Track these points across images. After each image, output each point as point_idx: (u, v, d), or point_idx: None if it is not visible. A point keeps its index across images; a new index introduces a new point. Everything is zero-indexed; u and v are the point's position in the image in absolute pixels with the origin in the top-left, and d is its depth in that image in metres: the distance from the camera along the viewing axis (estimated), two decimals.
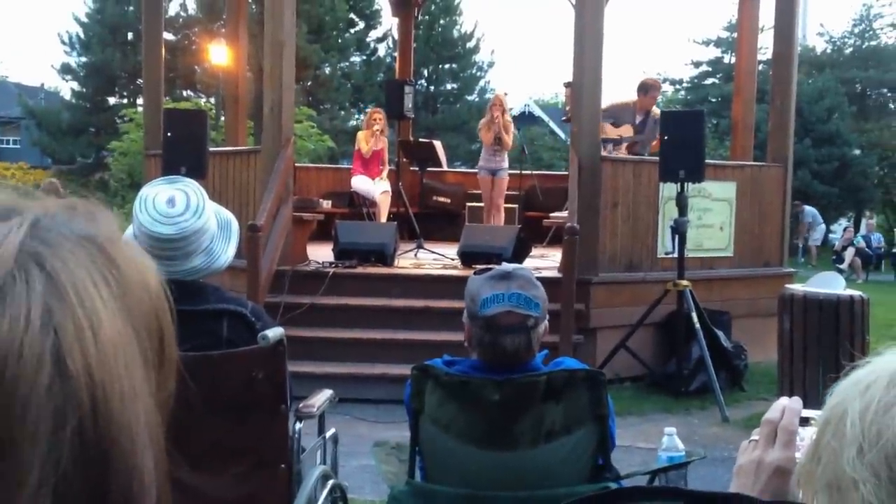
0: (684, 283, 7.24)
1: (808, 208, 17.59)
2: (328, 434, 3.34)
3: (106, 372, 0.58)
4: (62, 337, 0.57)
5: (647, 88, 9.27)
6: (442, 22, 32.48)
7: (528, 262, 8.32)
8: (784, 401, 1.19)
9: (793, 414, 1.17)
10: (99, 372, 0.57)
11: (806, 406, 1.17)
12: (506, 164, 10.09)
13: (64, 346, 0.57)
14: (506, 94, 10.61)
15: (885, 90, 30.16)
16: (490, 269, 2.50)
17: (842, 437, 0.81)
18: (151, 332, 0.64)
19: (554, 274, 7.53)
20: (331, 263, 8.14)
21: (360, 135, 10.47)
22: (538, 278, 2.52)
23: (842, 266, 18.83)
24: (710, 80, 31.78)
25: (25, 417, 0.55)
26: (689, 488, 0.82)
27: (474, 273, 2.54)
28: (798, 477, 0.92)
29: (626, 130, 9.16)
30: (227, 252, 2.73)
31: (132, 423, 0.59)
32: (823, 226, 20.90)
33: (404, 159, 10.93)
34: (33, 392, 0.55)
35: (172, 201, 2.58)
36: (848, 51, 29.96)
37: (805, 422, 1.18)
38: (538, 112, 39.14)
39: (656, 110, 9.38)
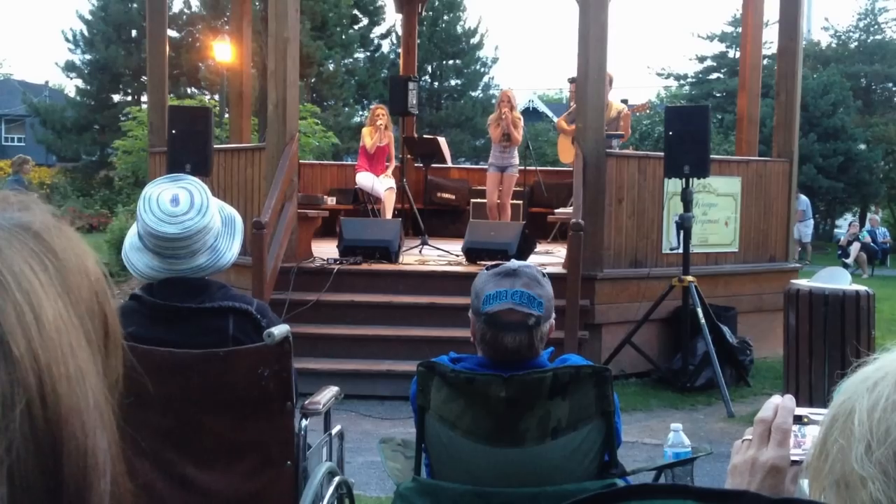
0: (689, 278, 7.23)
1: (802, 197, 17.45)
2: (334, 431, 3.35)
3: (50, 354, 0.59)
4: (3, 322, 0.58)
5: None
6: (446, 18, 32.44)
7: (533, 258, 8.32)
8: (777, 399, 1.19)
9: (786, 412, 1.17)
10: (43, 354, 0.58)
11: (813, 401, 1.18)
12: (515, 160, 10.08)
13: (6, 330, 0.57)
14: (510, 89, 10.60)
15: (891, 84, 30.11)
16: (499, 265, 2.50)
17: (850, 435, 0.81)
18: (94, 315, 0.65)
19: (559, 270, 7.53)
20: (335, 260, 8.15)
21: (365, 131, 10.49)
22: (544, 273, 2.51)
23: (847, 261, 18.79)
24: (714, 75, 31.73)
25: None
26: (697, 486, 0.82)
27: (484, 269, 2.54)
28: (806, 473, 0.92)
29: None
30: (231, 249, 2.73)
31: (81, 404, 0.60)
32: (812, 221, 20.70)
33: (408, 156, 10.93)
34: None
35: (176, 200, 2.58)
36: (853, 45, 29.90)
37: (798, 420, 1.18)
38: (542, 107, 39.14)
39: (620, 105, 9.45)
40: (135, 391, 0.74)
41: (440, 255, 9.02)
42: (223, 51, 18.09)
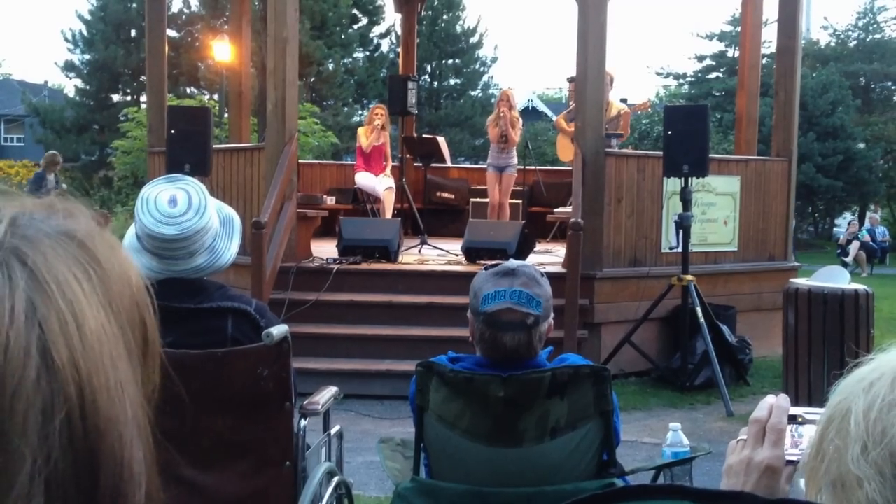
0: (689, 277, 7.24)
1: None
2: (333, 431, 3.35)
3: (92, 364, 0.59)
4: (47, 330, 0.57)
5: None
6: (445, 17, 32.45)
7: (532, 258, 8.32)
8: (771, 399, 1.19)
9: (781, 412, 1.17)
10: (85, 364, 0.58)
11: (812, 399, 1.18)
12: (514, 160, 10.08)
13: (49, 340, 0.57)
14: (510, 88, 10.61)
15: (890, 83, 30.11)
16: (497, 265, 2.50)
17: (846, 435, 0.81)
18: (134, 326, 0.65)
19: (558, 269, 7.53)
20: (335, 260, 8.15)
21: (360, 130, 10.49)
22: (543, 272, 2.52)
23: (846, 260, 18.80)
24: (713, 74, 31.74)
25: (14, 411, 0.56)
26: (695, 487, 0.82)
27: (483, 269, 2.54)
28: (802, 472, 0.92)
29: None
30: (230, 249, 2.73)
31: (119, 415, 0.60)
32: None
33: (408, 155, 10.93)
34: (21, 386, 0.56)
35: (174, 201, 2.58)
36: (852, 44, 29.90)
37: (793, 419, 1.18)
38: (542, 107, 39.16)
39: (620, 105, 9.47)
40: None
41: (439, 254, 9.02)
42: (222, 50, 18.10)
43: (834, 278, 6.40)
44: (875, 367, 0.84)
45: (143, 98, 23.30)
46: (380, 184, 10.21)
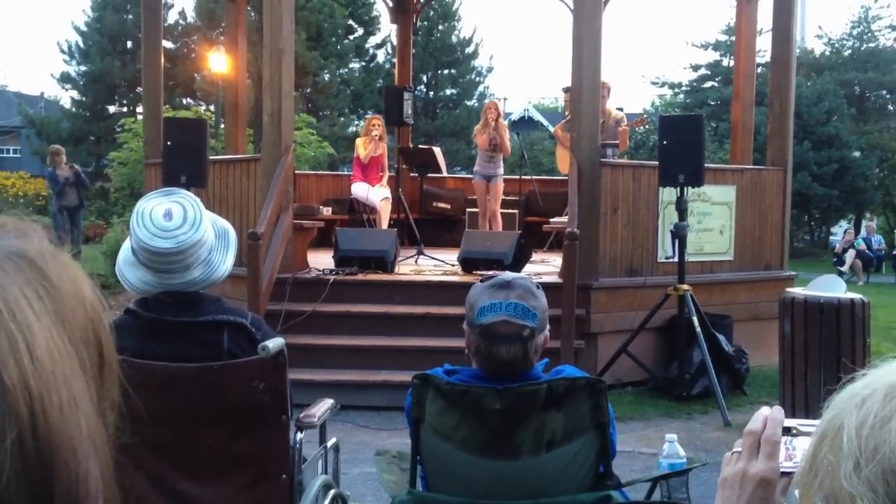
0: (685, 287, 7.24)
1: None
2: (329, 443, 3.34)
3: (43, 384, 0.59)
4: None
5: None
6: (441, 27, 32.53)
7: (529, 268, 8.33)
8: (765, 411, 1.19)
9: (775, 424, 1.17)
10: (36, 384, 0.58)
11: (808, 409, 1.18)
12: (501, 169, 10.10)
13: None
14: (505, 99, 10.66)
15: (884, 92, 30.16)
16: (493, 277, 2.51)
17: (838, 452, 0.81)
18: (89, 343, 0.65)
19: (554, 279, 7.53)
20: (331, 271, 8.15)
21: (359, 141, 10.50)
22: (539, 284, 2.52)
23: (842, 268, 18.82)
24: (709, 84, 31.80)
25: None
26: (686, 502, 0.82)
27: (479, 281, 2.54)
28: (796, 486, 0.92)
29: None
30: (225, 262, 2.73)
31: (73, 433, 0.60)
32: None
33: (404, 165, 10.94)
34: None
35: (169, 214, 2.58)
36: (846, 53, 29.97)
37: (787, 431, 1.18)
38: (538, 116, 39.18)
39: (617, 112, 9.49)
40: (130, 410, 0.74)
41: (436, 264, 9.02)
42: (218, 61, 18.15)
43: (830, 287, 6.40)
44: (867, 383, 0.84)
45: (140, 109, 23.27)
46: (376, 194, 10.21)
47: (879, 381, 0.83)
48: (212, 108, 25.22)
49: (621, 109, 10.06)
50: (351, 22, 30.67)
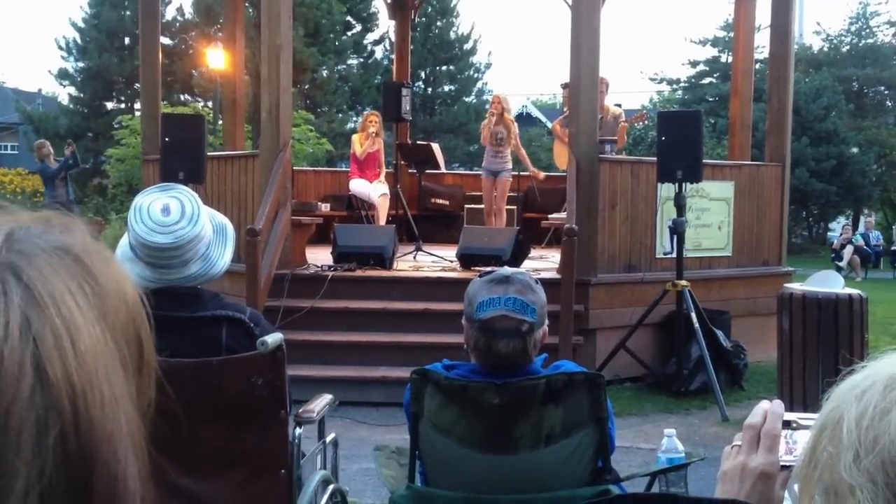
0: (683, 283, 7.24)
1: None
2: (328, 439, 3.34)
3: (86, 379, 0.59)
4: (41, 346, 0.58)
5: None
6: (439, 24, 32.49)
7: (527, 264, 8.32)
8: (765, 405, 1.19)
9: (775, 418, 1.17)
10: (79, 380, 0.58)
11: (807, 404, 1.18)
12: (509, 164, 10.07)
13: (44, 355, 0.57)
14: (503, 94, 10.64)
15: (882, 88, 30.16)
16: (492, 272, 2.51)
17: (838, 443, 0.81)
18: (130, 341, 0.65)
19: (553, 275, 7.53)
20: (330, 267, 8.14)
21: (355, 137, 10.51)
22: (537, 280, 2.52)
23: (841, 264, 18.83)
24: (707, 80, 31.78)
25: (8, 426, 0.56)
26: (685, 495, 0.82)
27: (477, 276, 2.54)
28: (795, 479, 0.92)
29: None
30: (223, 257, 2.73)
31: (114, 430, 0.60)
32: None
33: (402, 162, 10.93)
34: (15, 401, 0.56)
35: (167, 210, 2.58)
36: (845, 49, 29.96)
37: (787, 425, 1.18)
38: (536, 113, 39.20)
39: (615, 109, 9.49)
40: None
41: (434, 261, 9.02)
42: (216, 58, 18.13)
43: (828, 283, 6.41)
44: (867, 375, 0.84)
45: (137, 106, 23.30)
46: (374, 190, 10.21)
47: (879, 372, 0.83)
48: (210, 104, 25.20)
49: (619, 105, 10.06)
50: (349, 18, 30.64)
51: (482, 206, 10.64)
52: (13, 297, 0.58)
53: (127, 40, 29.12)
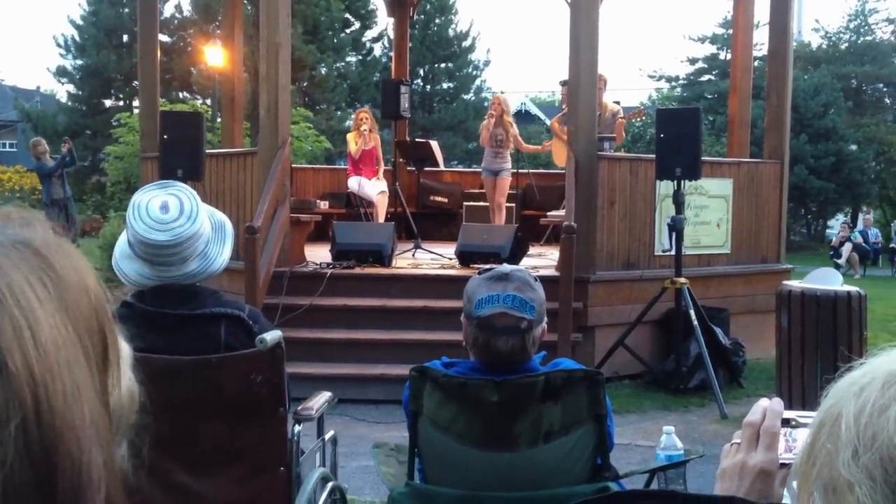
0: (682, 280, 7.25)
1: None
2: (327, 436, 3.35)
3: (47, 370, 0.59)
4: (0, 337, 0.58)
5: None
6: (437, 21, 32.45)
7: (526, 261, 8.33)
8: (765, 402, 1.19)
9: (774, 416, 1.17)
10: (40, 370, 0.59)
11: (805, 401, 1.18)
12: (508, 164, 10.12)
13: (3, 346, 0.58)
14: (502, 92, 10.68)
15: (881, 85, 30.16)
16: (491, 269, 2.50)
17: (837, 440, 0.81)
18: (93, 332, 0.65)
19: (552, 273, 7.53)
20: (328, 264, 8.14)
21: (349, 136, 10.53)
22: (536, 277, 2.52)
23: (839, 261, 18.84)
24: (705, 77, 31.77)
25: None
26: (687, 492, 0.82)
27: (476, 274, 2.54)
28: (794, 476, 0.92)
29: None
30: (222, 255, 2.73)
31: (76, 420, 0.60)
32: None
33: (401, 159, 10.93)
34: None
35: (166, 207, 2.58)
36: (843, 46, 29.95)
37: (786, 423, 1.18)
38: (535, 110, 39.17)
39: (613, 105, 9.49)
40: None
41: (433, 258, 9.02)
42: (215, 55, 18.11)
43: (827, 280, 6.41)
44: (866, 372, 0.84)
45: (136, 103, 23.25)
46: (373, 188, 10.21)
47: (878, 369, 0.83)
48: (208, 101, 25.20)
49: (618, 103, 10.05)
50: (347, 15, 30.60)
51: (481, 203, 10.63)
52: None
53: (125, 38, 29.07)
